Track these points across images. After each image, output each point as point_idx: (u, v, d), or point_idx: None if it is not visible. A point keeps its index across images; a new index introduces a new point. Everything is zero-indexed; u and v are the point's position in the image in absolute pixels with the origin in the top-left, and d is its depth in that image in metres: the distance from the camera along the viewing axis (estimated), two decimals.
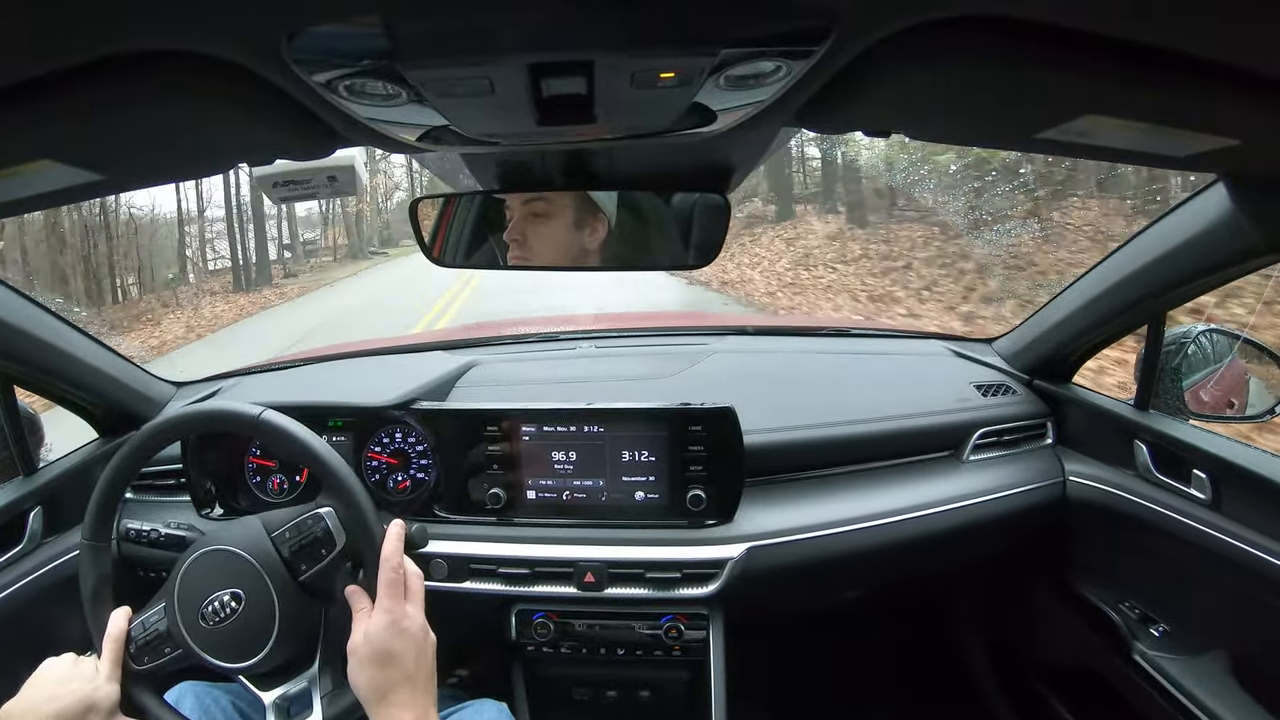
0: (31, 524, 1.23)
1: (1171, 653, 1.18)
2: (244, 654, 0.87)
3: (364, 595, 0.87)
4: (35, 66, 0.42)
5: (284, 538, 0.90)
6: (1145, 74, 0.45)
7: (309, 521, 0.90)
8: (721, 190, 0.98)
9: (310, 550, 0.89)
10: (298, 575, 0.89)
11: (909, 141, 0.75)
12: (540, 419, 1.21)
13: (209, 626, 0.87)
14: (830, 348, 1.65)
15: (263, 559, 0.88)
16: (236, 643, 0.87)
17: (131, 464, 0.96)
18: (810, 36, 0.42)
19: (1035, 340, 1.41)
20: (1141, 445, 1.22)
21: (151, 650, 0.91)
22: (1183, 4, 0.39)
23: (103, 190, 0.69)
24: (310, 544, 0.89)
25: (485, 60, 0.43)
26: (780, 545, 1.19)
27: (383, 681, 0.81)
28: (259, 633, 0.87)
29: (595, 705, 1.29)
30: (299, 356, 1.73)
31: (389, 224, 26.68)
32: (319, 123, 0.55)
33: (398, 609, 0.84)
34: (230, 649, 0.88)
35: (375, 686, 0.81)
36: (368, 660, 0.82)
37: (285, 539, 0.90)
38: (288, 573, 0.88)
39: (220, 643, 0.88)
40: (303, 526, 0.90)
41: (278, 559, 0.89)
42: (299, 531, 0.90)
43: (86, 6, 0.37)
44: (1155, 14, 0.40)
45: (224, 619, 0.87)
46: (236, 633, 0.87)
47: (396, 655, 0.82)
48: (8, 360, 1.15)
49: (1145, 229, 1.11)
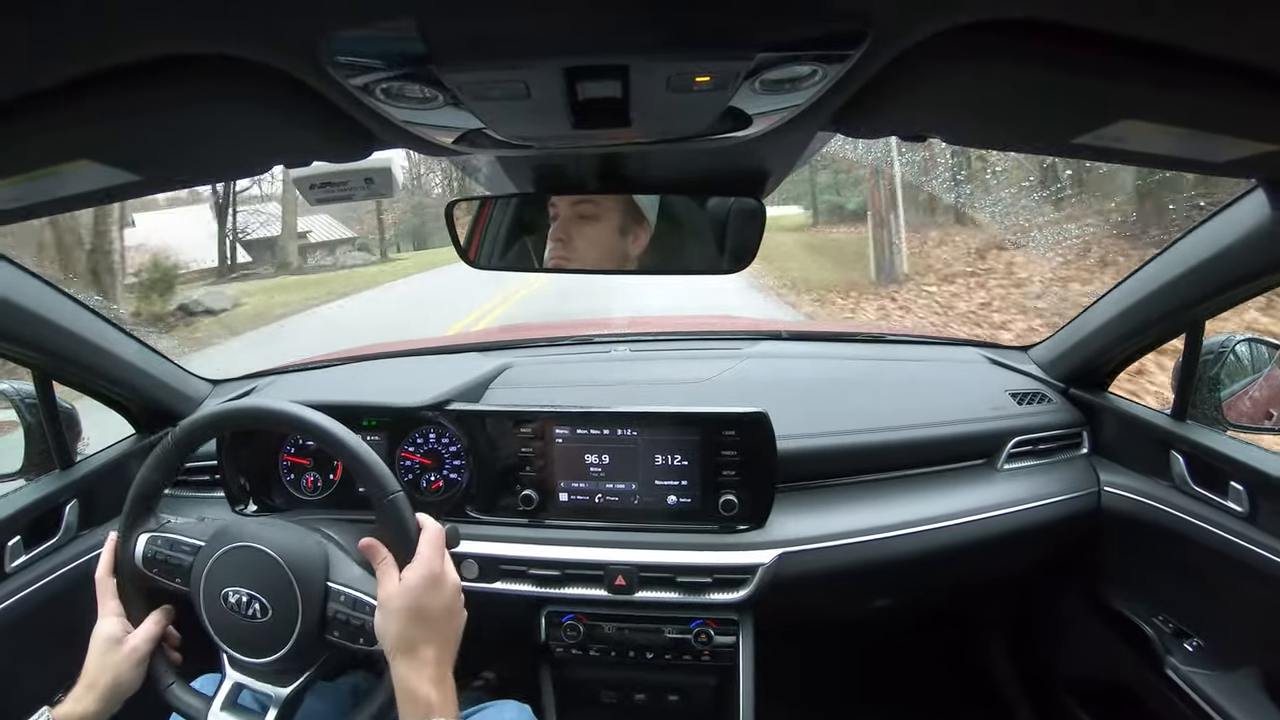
0: (67, 516, 1.26)
1: (1205, 668, 1.16)
2: (253, 652, 0.88)
3: (380, 547, 0.85)
4: (75, 68, 0.42)
5: (339, 596, 0.87)
6: (1183, 78, 0.45)
7: (369, 610, 0.85)
8: (757, 195, 0.98)
9: (351, 629, 0.86)
10: (326, 631, 0.87)
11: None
12: (574, 421, 1.22)
13: (231, 613, 0.88)
14: (865, 354, 1.65)
15: (307, 591, 0.86)
16: (250, 639, 0.88)
17: (170, 460, 0.97)
18: (846, 40, 0.42)
19: (1071, 348, 1.39)
20: (1178, 456, 1.20)
21: (163, 568, 0.93)
22: (1220, 8, 0.38)
23: (140, 190, 0.69)
24: (358, 627, 0.86)
25: (521, 64, 0.44)
26: (812, 552, 1.19)
27: (413, 635, 0.80)
28: (273, 640, 0.87)
29: (623, 708, 1.29)
30: (335, 356, 1.75)
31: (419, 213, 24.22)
32: (356, 126, 0.55)
33: (437, 563, 0.84)
34: (244, 642, 0.88)
35: (405, 638, 0.80)
36: (402, 612, 0.81)
37: (340, 599, 0.87)
38: (319, 622, 0.87)
39: (237, 635, 0.88)
40: (361, 607, 0.86)
41: (319, 606, 0.86)
42: (354, 607, 0.86)
43: (125, 10, 0.37)
44: (1192, 18, 0.40)
45: (246, 615, 0.87)
46: (253, 631, 0.87)
47: (431, 611, 0.82)
48: (47, 356, 1.17)
49: (1182, 236, 1.10)
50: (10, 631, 1.11)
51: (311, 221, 21.43)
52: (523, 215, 1.06)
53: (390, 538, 0.87)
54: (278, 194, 19.51)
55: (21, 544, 1.17)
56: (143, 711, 0.93)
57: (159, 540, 0.94)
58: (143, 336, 1.40)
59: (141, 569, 0.94)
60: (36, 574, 1.18)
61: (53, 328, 1.14)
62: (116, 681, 0.88)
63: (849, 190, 14.74)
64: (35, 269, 1.14)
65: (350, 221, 23.46)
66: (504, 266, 1.10)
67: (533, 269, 1.09)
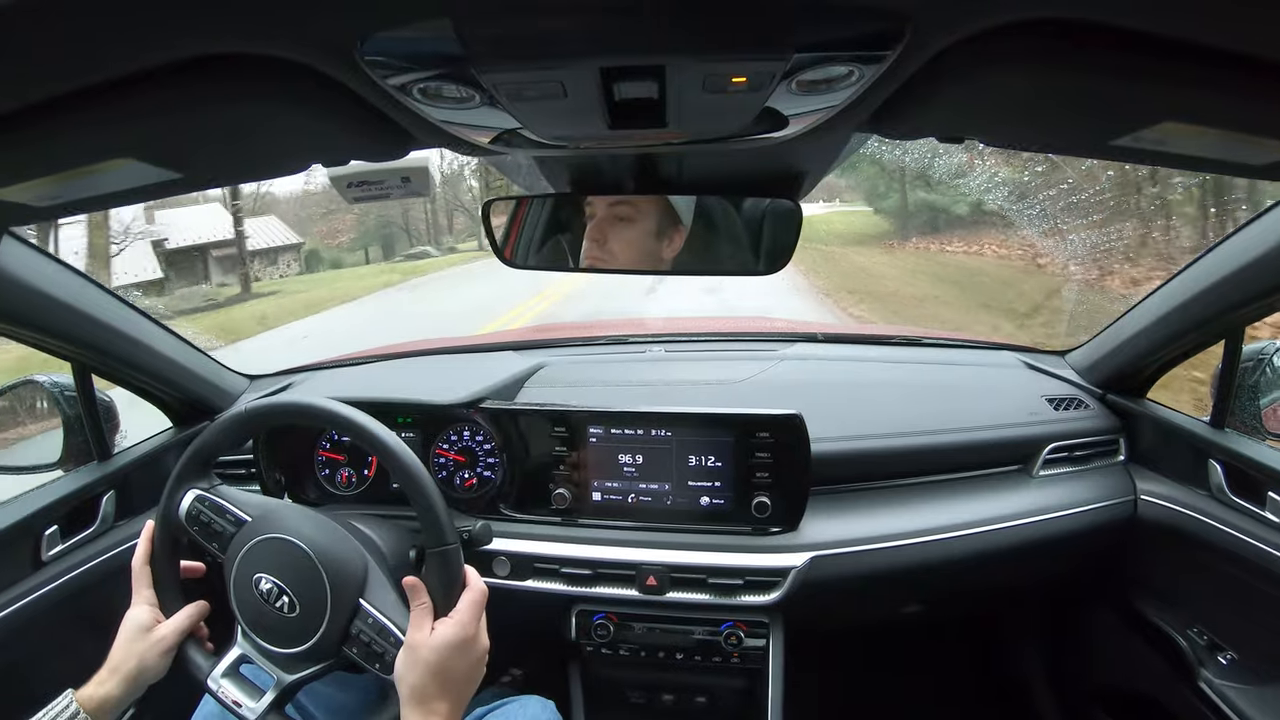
0: (104, 507, 1.27)
1: (1239, 682, 1.14)
2: (269, 638, 0.89)
3: (423, 589, 0.86)
4: (116, 67, 0.43)
5: (367, 617, 0.87)
6: (1226, 79, 0.44)
7: (393, 640, 0.85)
8: (793, 196, 0.98)
9: (370, 653, 0.86)
10: (345, 645, 0.87)
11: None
12: (608, 421, 1.22)
13: (258, 598, 0.88)
14: (901, 356, 1.63)
15: (337, 604, 0.87)
16: (269, 626, 0.89)
17: (239, 430, 0.98)
18: (883, 40, 0.42)
19: (1109, 354, 1.38)
20: (1216, 465, 1.19)
21: (203, 529, 0.94)
22: (1262, 8, 0.38)
23: (180, 188, 0.70)
24: (378, 654, 0.86)
25: (557, 64, 0.44)
26: (844, 555, 1.18)
27: (431, 690, 0.81)
28: (292, 635, 0.88)
29: (650, 709, 1.29)
30: (371, 353, 1.76)
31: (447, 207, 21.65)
32: (392, 125, 0.56)
33: (472, 626, 0.85)
34: (262, 626, 0.89)
35: (421, 689, 0.81)
36: (424, 665, 0.81)
37: (368, 621, 0.87)
38: (341, 636, 0.87)
39: (258, 618, 0.89)
40: (386, 635, 0.86)
41: (346, 620, 0.87)
42: (379, 633, 0.86)
43: (166, 11, 0.38)
44: (1234, 18, 0.39)
45: (272, 605, 0.88)
46: (274, 620, 0.88)
47: (455, 672, 0.82)
48: (88, 351, 1.19)
49: (1222, 240, 1.09)
50: (45, 619, 1.13)
51: (253, 224, 17.84)
52: (558, 215, 1.07)
53: (433, 583, 0.87)
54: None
55: (59, 533, 1.19)
56: (168, 696, 0.95)
57: (206, 501, 0.95)
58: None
59: (182, 522, 0.95)
60: (72, 563, 1.19)
61: (92, 322, 1.16)
62: (141, 668, 0.90)
63: (958, 190, 9.39)
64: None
65: (306, 223, 20.23)
66: (539, 265, 1.10)
67: (568, 268, 1.09)
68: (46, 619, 1.13)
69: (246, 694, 0.89)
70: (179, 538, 0.96)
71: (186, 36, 0.40)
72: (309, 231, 20.07)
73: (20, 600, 1.10)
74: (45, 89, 0.44)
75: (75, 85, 0.44)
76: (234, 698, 0.89)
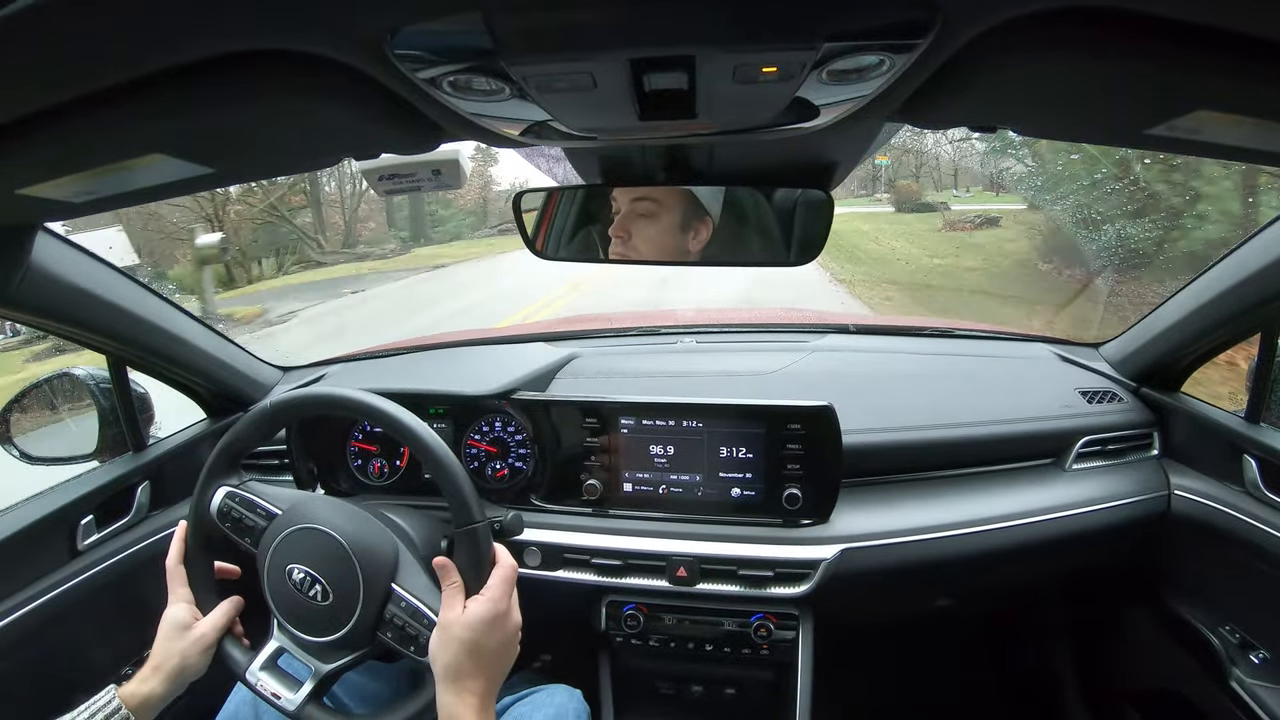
0: (139, 497, 1.29)
1: (1271, 681, 1.13)
2: (304, 628, 0.90)
3: (453, 569, 0.86)
4: (149, 64, 0.44)
5: (400, 601, 0.88)
6: (1260, 68, 0.43)
7: (426, 622, 0.87)
8: (824, 186, 0.97)
9: (404, 636, 0.87)
10: (379, 630, 0.88)
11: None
12: (639, 412, 1.22)
13: (291, 589, 0.89)
14: (933, 348, 1.63)
15: (370, 590, 0.88)
16: (304, 616, 0.90)
17: (267, 424, 0.99)
18: (913, 29, 0.42)
19: (1143, 346, 1.36)
20: (1250, 460, 1.17)
21: (235, 525, 0.95)
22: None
23: (211, 183, 0.71)
24: (412, 636, 0.87)
25: (587, 56, 0.44)
26: (875, 548, 1.18)
27: (465, 667, 0.82)
28: (327, 624, 0.89)
29: (679, 700, 1.29)
30: (403, 344, 1.77)
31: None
32: (423, 118, 0.56)
33: (504, 602, 0.85)
34: (297, 617, 0.90)
35: (456, 668, 0.81)
36: (458, 643, 0.82)
37: (401, 604, 0.88)
38: (375, 621, 0.88)
39: (293, 609, 0.90)
40: (419, 618, 0.87)
41: (379, 605, 0.88)
42: (413, 616, 0.87)
43: (197, 7, 0.38)
44: (1270, 6, 0.39)
45: (306, 595, 0.89)
46: (309, 610, 0.89)
47: (487, 648, 0.83)
48: (123, 344, 1.21)
49: (1257, 232, 1.08)
50: (81, 607, 1.15)
51: (89, 239, 12.32)
52: (588, 206, 1.07)
53: (463, 563, 0.87)
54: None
55: (94, 523, 1.20)
56: (198, 689, 0.95)
57: (237, 497, 0.97)
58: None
59: (214, 519, 0.96)
60: (107, 552, 1.21)
61: (128, 316, 1.17)
62: (183, 666, 0.91)
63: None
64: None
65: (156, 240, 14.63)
66: (569, 257, 1.11)
67: (598, 259, 1.10)
68: (82, 607, 1.15)
69: (285, 686, 0.91)
70: (212, 535, 0.98)
71: (219, 33, 0.41)
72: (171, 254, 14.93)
73: (57, 589, 1.12)
74: (81, 86, 0.45)
75: (109, 82, 0.45)
76: (273, 689, 0.91)
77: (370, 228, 19.49)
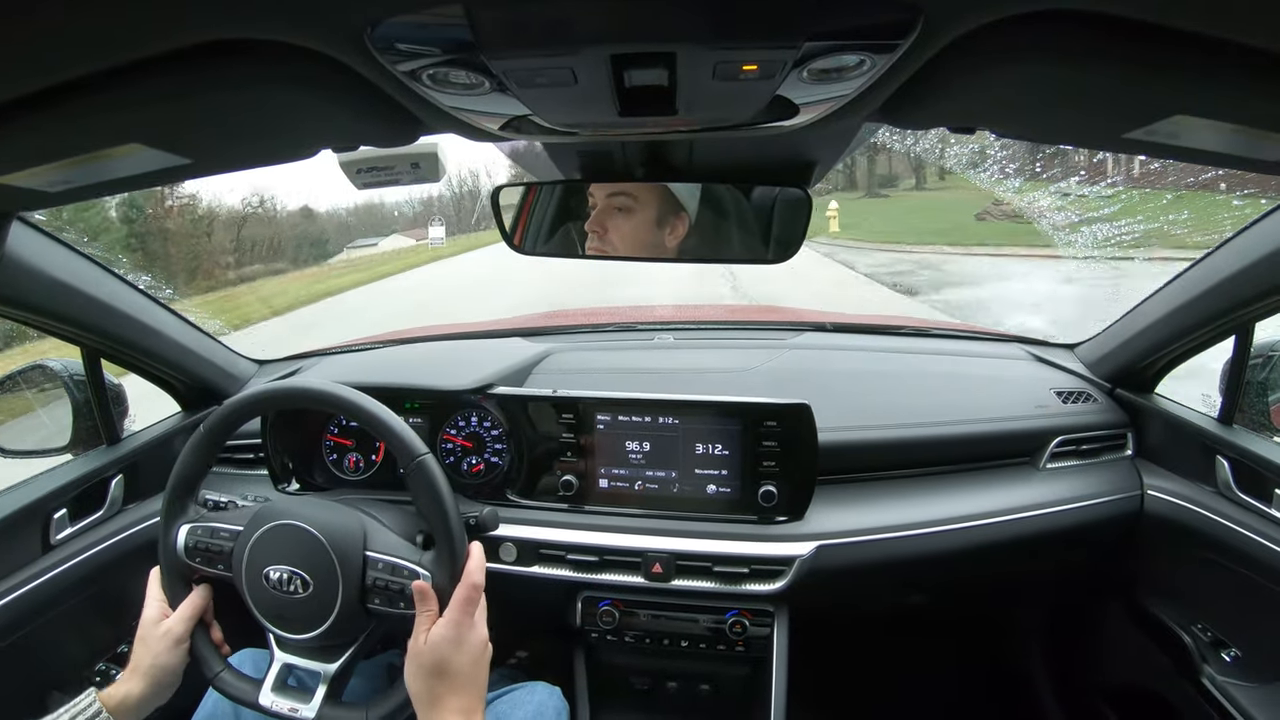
0: (113, 491, 1.28)
1: (1242, 679, 1.14)
2: (297, 628, 0.90)
3: (431, 596, 0.87)
4: (126, 53, 0.43)
5: (376, 563, 0.89)
6: (1238, 74, 0.44)
7: (406, 573, 0.89)
8: (803, 185, 0.98)
9: (390, 594, 0.89)
10: (366, 600, 0.89)
11: None
12: (615, 408, 1.22)
13: (273, 591, 0.90)
14: (909, 347, 1.63)
15: (345, 563, 0.89)
16: (293, 615, 0.90)
17: (206, 448, 0.99)
18: (895, 30, 0.42)
19: (1118, 347, 1.37)
20: (1223, 461, 1.19)
21: (205, 558, 0.95)
22: (1275, 2, 0.38)
23: (189, 174, 0.70)
24: (398, 591, 0.89)
25: (568, 50, 0.44)
26: (850, 545, 1.18)
27: (437, 688, 0.84)
28: (316, 614, 0.89)
29: (654, 695, 1.30)
30: (379, 338, 1.77)
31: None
32: (402, 111, 0.56)
33: (465, 623, 0.86)
34: (287, 619, 0.90)
35: (428, 691, 0.84)
36: (426, 668, 0.84)
37: (378, 566, 0.89)
38: (360, 592, 0.89)
39: (281, 612, 0.90)
40: (399, 572, 0.89)
41: (358, 576, 0.89)
42: (393, 573, 0.89)
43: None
44: (1248, 13, 0.39)
45: (288, 592, 0.89)
46: (295, 607, 0.89)
47: (452, 667, 0.84)
48: (98, 335, 1.20)
49: (1234, 235, 1.09)
50: (55, 601, 1.14)
51: None
52: (567, 201, 1.07)
53: (420, 508, 0.90)
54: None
55: (67, 516, 1.20)
56: (183, 691, 0.95)
57: (199, 530, 0.97)
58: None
59: (184, 559, 0.97)
60: (81, 546, 1.20)
61: (102, 307, 1.16)
62: (155, 664, 0.91)
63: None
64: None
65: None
66: (547, 252, 1.11)
67: (575, 255, 1.09)
68: (57, 601, 1.14)
69: (299, 700, 0.91)
70: (187, 576, 0.98)
71: (197, 22, 0.41)
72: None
73: (31, 582, 1.11)
74: (54, 74, 0.45)
75: (84, 71, 0.44)
76: (289, 706, 0.91)
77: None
